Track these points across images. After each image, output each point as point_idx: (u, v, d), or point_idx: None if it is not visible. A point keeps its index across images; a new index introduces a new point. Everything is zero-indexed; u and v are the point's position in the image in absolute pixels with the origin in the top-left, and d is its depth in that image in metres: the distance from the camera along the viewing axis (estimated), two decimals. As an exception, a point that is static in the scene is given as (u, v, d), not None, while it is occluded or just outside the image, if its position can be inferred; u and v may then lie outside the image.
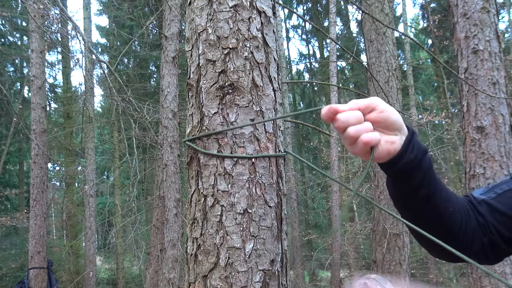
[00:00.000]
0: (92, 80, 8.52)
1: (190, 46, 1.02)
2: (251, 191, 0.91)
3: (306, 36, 19.82)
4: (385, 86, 5.27)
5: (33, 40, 6.97)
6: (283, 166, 1.02)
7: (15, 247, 12.32)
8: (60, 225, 14.31)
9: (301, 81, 19.10)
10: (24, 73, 14.42)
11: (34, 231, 6.64)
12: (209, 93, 0.95)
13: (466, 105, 3.51)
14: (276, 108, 1.00)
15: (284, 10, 16.69)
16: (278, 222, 0.95)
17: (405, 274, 5.05)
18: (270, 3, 1.03)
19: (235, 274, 0.87)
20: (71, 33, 7.66)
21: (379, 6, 5.54)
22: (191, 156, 0.98)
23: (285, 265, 0.97)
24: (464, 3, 3.54)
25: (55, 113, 16.57)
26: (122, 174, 15.28)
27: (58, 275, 11.15)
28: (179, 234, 5.39)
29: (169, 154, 5.49)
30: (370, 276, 2.50)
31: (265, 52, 0.98)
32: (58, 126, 13.48)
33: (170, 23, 5.74)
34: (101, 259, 15.85)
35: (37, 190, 6.74)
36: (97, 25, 21.25)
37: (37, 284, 6.45)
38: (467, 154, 3.48)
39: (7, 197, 14.38)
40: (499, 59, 3.44)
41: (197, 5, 1.00)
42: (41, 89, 7.02)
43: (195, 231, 0.94)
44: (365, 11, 3.55)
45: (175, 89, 5.66)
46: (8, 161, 14.56)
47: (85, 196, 10.50)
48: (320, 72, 17.07)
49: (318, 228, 17.06)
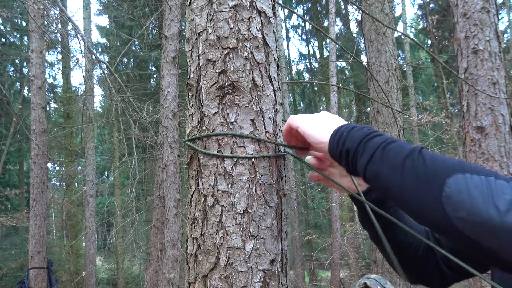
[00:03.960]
0: (92, 80, 8.52)
1: (190, 46, 1.02)
2: (251, 191, 0.91)
3: (306, 36, 19.83)
4: (385, 86, 5.27)
5: (33, 40, 6.97)
6: (283, 166, 1.02)
7: (15, 247, 12.32)
8: (60, 225, 14.31)
9: (301, 81, 19.10)
10: (24, 73, 14.43)
11: (34, 231, 6.63)
12: (209, 93, 0.95)
13: (466, 105, 3.51)
14: (276, 108, 1.00)
15: (284, 10, 16.70)
16: (278, 222, 0.95)
17: (405, 274, 5.04)
18: (270, 3, 1.03)
19: (235, 274, 0.88)
20: (71, 33, 7.66)
21: (379, 6, 5.54)
22: (191, 156, 0.98)
23: (285, 265, 0.97)
24: (464, 3, 3.54)
25: (55, 113, 16.58)
26: (122, 174, 15.29)
27: (58, 275, 11.15)
28: (179, 234, 5.39)
29: (169, 154, 5.49)
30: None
31: (265, 52, 0.98)
32: (58, 126, 13.48)
33: (170, 23, 5.74)
34: (101, 259, 15.85)
35: (37, 190, 6.74)
36: (97, 25, 21.26)
37: (37, 284, 6.45)
38: (467, 154, 3.48)
39: (7, 197, 14.38)
40: (499, 59, 3.45)
41: (197, 5, 1.00)
42: (41, 89, 7.02)
43: (195, 231, 0.94)
44: (365, 11, 3.55)
45: (175, 89, 5.66)
46: (8, 161, 14.56)
47: (85, 196, 10.50)
48: (320, 72, 17.08)
49: (318, 228, 17.07)
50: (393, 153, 0.70)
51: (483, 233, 0.60)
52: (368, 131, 0.76)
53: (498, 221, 0.58)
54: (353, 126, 0.79)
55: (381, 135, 0.75)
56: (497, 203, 0.59)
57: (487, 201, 0.60)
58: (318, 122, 0.86)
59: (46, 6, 5.64)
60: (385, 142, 0.73)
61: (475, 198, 0.61)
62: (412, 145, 0.72)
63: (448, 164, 0.66)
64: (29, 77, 7.64)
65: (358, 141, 0.75)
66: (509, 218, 0.57)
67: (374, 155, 0.72)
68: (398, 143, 0.72)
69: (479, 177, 0.62)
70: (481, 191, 0.61)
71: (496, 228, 0.58)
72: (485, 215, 0.59)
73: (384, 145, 0.72)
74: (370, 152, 0.73)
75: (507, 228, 0.57)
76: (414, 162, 0.68)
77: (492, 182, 0.61)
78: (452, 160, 0.67)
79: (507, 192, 0.60)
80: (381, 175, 0.71)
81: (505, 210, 0.58)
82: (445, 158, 0.68)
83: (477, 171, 0.64)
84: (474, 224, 0.60)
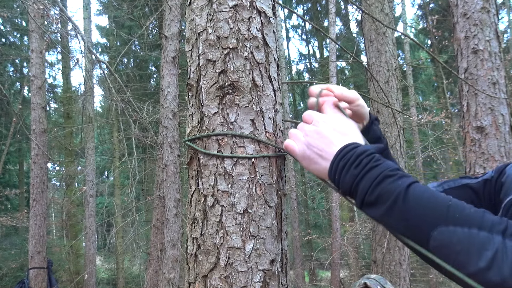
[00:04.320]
0: (92, 80, 8.51)
1: (190, 46, 1.02)
2: (251, 191, 0.91)
3: (306, 36, 19.84)
4: (385, 86, 5.27)
5: (33, 40, 6.97)
6: (283, 166, 1.02)
7: (15, 247, 12.32)
8: (60, 225, 14.31)
9: (301, 81, 19.10)
10: (24, 73, 14.43)
11: (34, 231, 6.63)
12: (209, 93, 0.95)
13: (466, 105, 3.51)
14: (276, 108, 1.00)
15: (284, 10, 16.70)
16: (278, 222, 0.95)
17: (405, 274, 5.05)
18: (270, 3, 1.03)
19: (235, 274, 0.88)
20: (71, 33, 7.66)
21: (379, 6, 5.54)
22: (191, 156, 0.98)
23: (285, 265, 0.97)
24: (464, 3, 3.54)
25: (55, 113, 16.58)
26: (122, 174, 15.29)
27: (58, 275, 11.15)
28: (179, 234, 5.39)
29: (169, 154, 5.49)
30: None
31: (265, 52, 0.98)
32: (58, 126, 13.48)
33: (170, 23, 5.75)
34: (101, 259, 15.86)
35: (37, 190, 6.74)
36: (97, 25, 21.25)
37: (37, 284, 6.45)
38: (467, 154, 3.48)
39: (7, 197, 14.38)
40: (499, 59, 3.45)
41: (197, 5, 1.00)
42: (41, 89, 7.02)
43: (195, 231, 0.94)
44: (365, 11, 3.54)
45: (175, 89, 5.66)
46: (8, 161, 14.56)
47: (85, 196, 10.50)
48: (320, 72, 17.08)
49: (318, 228, 17.08)
50: (381, 199, 0.71)
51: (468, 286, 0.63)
52: (355, 174, 0.75)
53: (480, 278, 0.60)
54: (343, 165, 0.77)
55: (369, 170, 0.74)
56: (478, 261, 0.61)
57: (470, 259, 0.62)
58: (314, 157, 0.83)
59: (46, 6, 5.64)
60: (372, 185, 0.72)
61: (458, 253, 0.63)
62: (400, 182, 0.71)
63: (433, 214, 0.67)
64: (29, 77, 7.63)
65: (349, 187, 0.76)
66: (490, 274, 0.60)
67: (364, 202, 0.74)
68: (384, 185, 0.71)
69: (462, 230, 0.64)
70: (463, 246, 0.63)
71: (479, 283, 0.61)
72: (466, 272, 0.62)
73: (371, 189, 0.72)
74: (360, 198, 0.74)
75: (488, 286, 0.60)
76: (401, 211, 0.69)
77: (475, 237, 0.63)
78: (439, 206, 0.67)
79: (489, 248, 0.61)
80: (376, 220, 0.74)
81: (485, 268, 0.60)
82: (432, 202, 0.68)
83: (461, 221, 0.64)
84: (459, 277, 0.63)
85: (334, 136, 0.82)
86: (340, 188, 0.78)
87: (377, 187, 0.72)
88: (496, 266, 0.60)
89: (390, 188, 0.71)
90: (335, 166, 0.78)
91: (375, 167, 0.74)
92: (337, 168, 0.78)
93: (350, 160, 0.77)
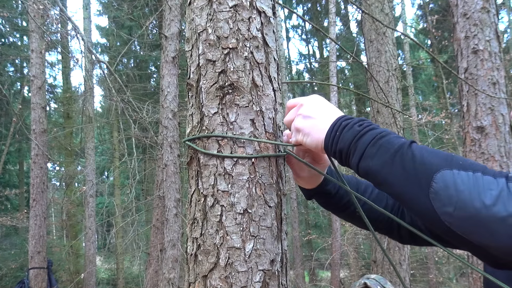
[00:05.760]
0: (92, 80, 8.51)
1: (190, 46, 1.02)
2: (251, 191, 0.91)
3: (306, 36, 19.83)
4: (385, 86, 5.27)
5: (33, 40, 6.97)
6: (283, 166, 1.02)
7: (15, 247, 12.32)
8: (60, 225, 14.31)
9: (301, 81, 19.11)
10: (24, 73, 14.43)
11: (34, 231, 6.63)
12: (209, 93, 0.95)
13: (466, 105, 3.51)
14: (276, 108, 1.01)
15: (284, 10, 16.70)
16: (278, 222, 0.95)
17: (405, 274, 5.05)
18: (270, 3, 1.03)
19: (235, 274, 0.88)
20: (71, 33, 7.65)
21: (379, 6, 5.54)
22: (191, 156, 0.98)
23: (285, 265, 0.97)
24: (464, 3, 3.54)
25: (55, 113, 16.57)
26: (122, 174, 15.28)
27: (58, 275, 11.15)
28: (179, 234, 5.39)
29: (169, 154, 5.49)
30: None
31: (265, 52, 0.98)
32: (58, 126, 13.48)
33: (170, 23, 5.74)
34: (101, 259, 15.86)
35: (37, 190, 6.74)
36: (97, 25, 21.27)
37: (37, 284, 6.45)
38: (467, 154, 3.48)
39: (7, 197, 14.38)
40: (499, 59, 3.45)
41: (197, 5, 1.00)
42: (41, 89, 7.02)
43: (195, 231, 0.94)
44: (365, 11, 3.54)
45: (175, 89, 5.66)
46: (8, 161, 14.56)
47: (85, 196, 10.50)
48: (320, 72, 17.08)
49: (318, 228, 17.06)
50: (383, 149, 0.72)
51: (472, 227, 0.61)
52: (358, 130, 0.77)
53: (485, 213, 0.59)
54: (345, 124, 0.80)
55: (372, 129, 0.76)
56: (483, 198, 0.60)
57: (474, 196, 0.61)
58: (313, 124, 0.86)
59: (46, 6, 5.64)
60: (375, 138, 0.74)
61: (462, 192, 0.62)
62: (402, 139, 0.73)
63: (436, 159, 0.67)
64: (29, 77, 7.63)
65: (350, 141, 0.77)
66: (496, 209, 0.59)
67: (364, 154, 0.74)
68: (387, 139, 0.73)
69: (466, 173, 0.64)
70: (468, 186, 0.62)
71: (484, 220, 0.59)
72: (471, 209, 0.61)
73: (374, 141, 0.73)
74: (361, 151, 0.74)
75: (495, 219, 0.59)
76: (403, 158, 0.69)
77: (479, 178, 0.63)
78: (441, 155, 0.68)
79: (493, 187, 0.61)
80: (373, 172, 0.73)
81: (491, 204, 0.59)
82: (434, 152, 0.69)
83: (465, 166, 0.65)
84: (461, 218, 0.62)
85: (328, 106, 0.87)
86: (338, 146, 0.79)
87: (380, 140, 0.73)
88: (502, 202, 0.59)
89: (394, 140, 0.72)
90: (337, 126, 0.80)
91: (377, 128, 0.77)
92: (339, 127, 0.80)
93: (352, 121, 0.80)
